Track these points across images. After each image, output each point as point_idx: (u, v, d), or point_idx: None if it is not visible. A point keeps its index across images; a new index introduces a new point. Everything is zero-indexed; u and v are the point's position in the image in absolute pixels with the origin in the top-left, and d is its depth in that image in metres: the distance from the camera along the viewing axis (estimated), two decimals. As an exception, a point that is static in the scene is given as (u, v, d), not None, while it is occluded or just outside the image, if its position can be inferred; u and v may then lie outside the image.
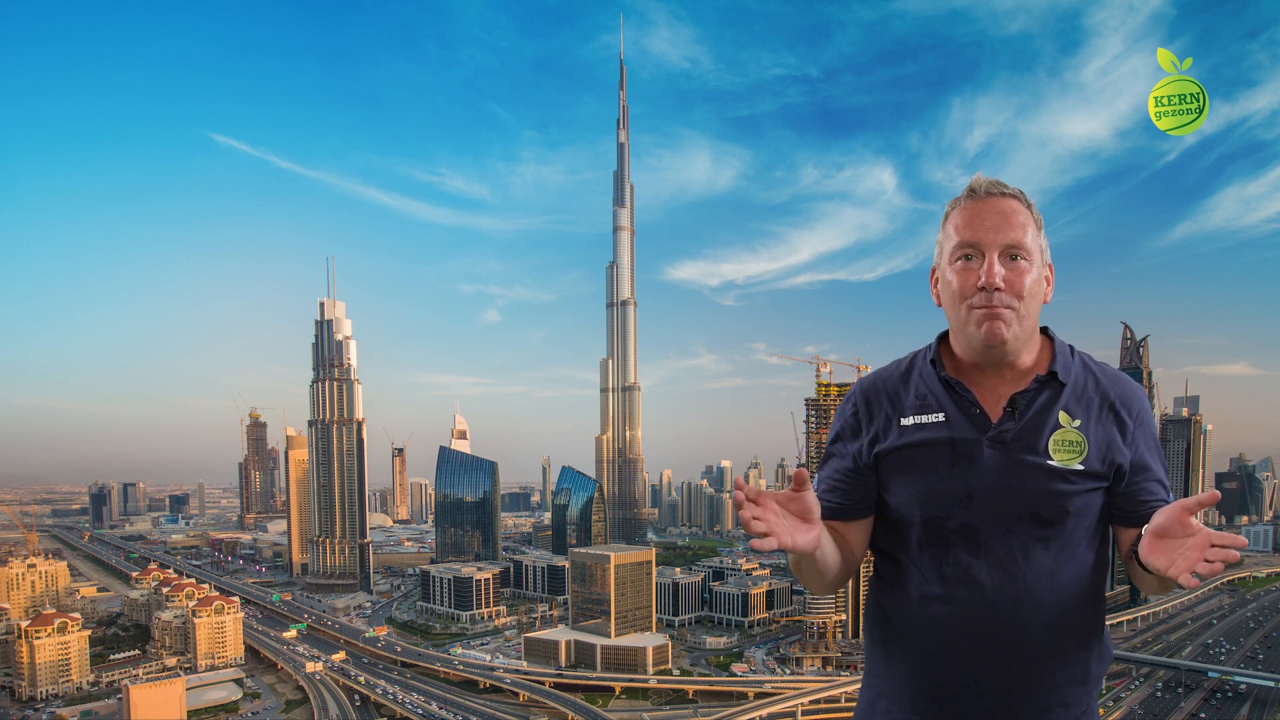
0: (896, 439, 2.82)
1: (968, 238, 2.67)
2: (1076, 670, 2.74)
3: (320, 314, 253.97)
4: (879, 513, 2.97)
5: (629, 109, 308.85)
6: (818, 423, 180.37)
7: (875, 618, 3.01)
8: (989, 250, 2.63)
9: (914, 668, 2.82)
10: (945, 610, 2.71)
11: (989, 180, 2.74)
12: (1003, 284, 2.61)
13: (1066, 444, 2.67)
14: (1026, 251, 2.65)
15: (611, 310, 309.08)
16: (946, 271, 2.75)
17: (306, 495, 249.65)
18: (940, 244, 2.81)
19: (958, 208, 2.75)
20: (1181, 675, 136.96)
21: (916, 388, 2.86)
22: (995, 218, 2.66)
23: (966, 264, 2.67)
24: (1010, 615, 2.65)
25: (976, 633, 2.68)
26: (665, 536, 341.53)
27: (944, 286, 2.77)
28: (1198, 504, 2.23)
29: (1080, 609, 2.72)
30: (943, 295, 2.80)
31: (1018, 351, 2.75)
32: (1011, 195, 2.70)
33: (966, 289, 2.66)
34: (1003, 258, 2.64)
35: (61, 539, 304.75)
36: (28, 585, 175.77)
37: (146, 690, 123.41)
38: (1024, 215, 2.69)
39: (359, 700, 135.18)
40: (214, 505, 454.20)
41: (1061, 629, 2.68)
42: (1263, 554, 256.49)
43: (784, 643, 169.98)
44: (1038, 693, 2.70)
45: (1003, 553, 2.66)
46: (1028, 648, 2.67)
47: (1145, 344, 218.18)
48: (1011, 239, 2.64)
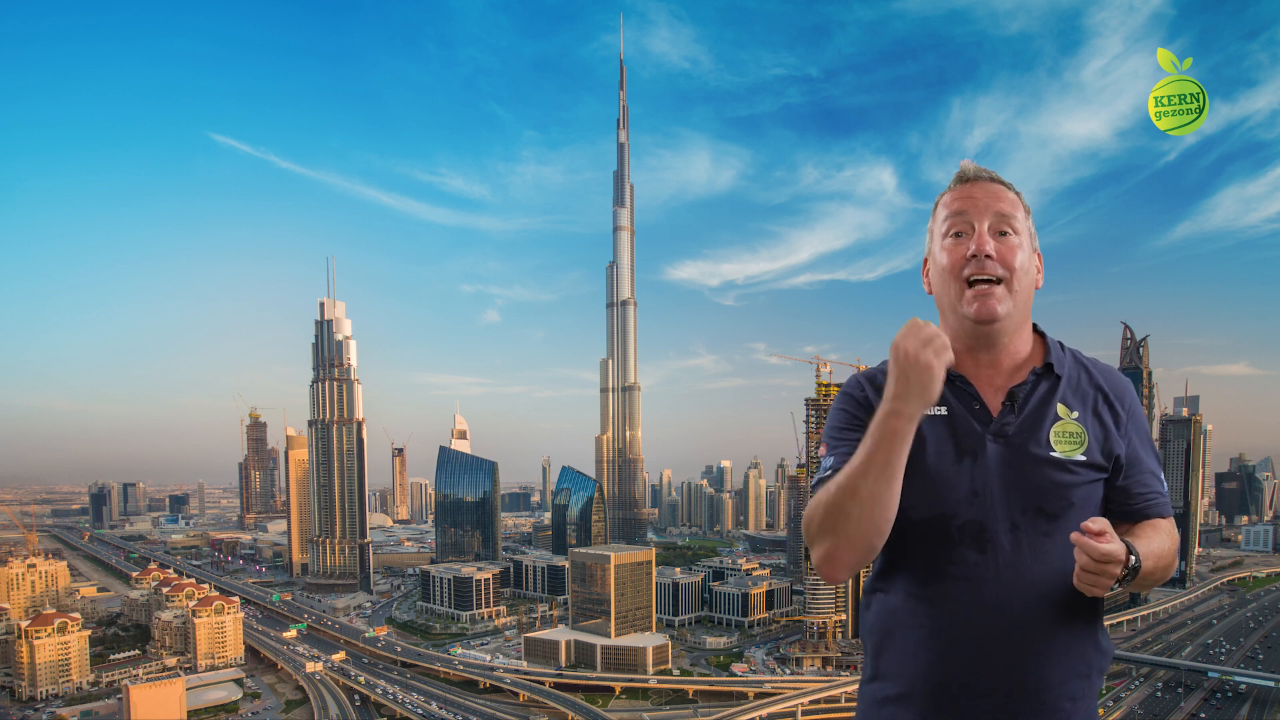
0: None
1: (957, 209, 2.73)
2: (1080, 664, 2.73)
3: (320, 314, 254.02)
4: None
5: (629, 109, 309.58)
6: (818, 423, 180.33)
7: (876, 617, 2.94)
8: (979, 220, 2.68)
9: (920, 668, 2.76)
10: (951, 609, 2.67)
11: (977, 166, 2.82)
12: (993, 253, 2.65)
13: (1067, 435, 2.68)
14: (1016, 227, 2.70)
15: (611, 310, 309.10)
16: (937, 253, 2.77)
17: (306, 495, 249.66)
18: (931, 232, 2.86)
19: (948, 192, 2.83)
20: (1181, 675, 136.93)
21: None
22: (985, 194, 2.73)
23: (957, 240, 2.71)
24: (1018, 611, 2.63)
25: (983, 631, 2.65)
26: (665, 536, 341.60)
27: (934, 268, 2.81)
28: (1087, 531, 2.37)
29: (1082, 603, 2.69)
30: (933, 277, 2.82)
31: (1009, 331, 2.74)
32: (1000, 181, 2.78)
33: (957, 262, 2.69)
34: (992, 231, 2.68)
35: (61, 539, 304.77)
36: (28, 585, 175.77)
37: (146, 690, 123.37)
38: (1012, 197, 2.75)
39: (359, 700, 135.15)
40: (214, 505, 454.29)
41: (1066, 623, 2.67)
42: (1263, 554, 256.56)
43: (784, 643, 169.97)
44: (1044, 688, 2.67)
45: (1010, 549, 2.64)
46: (1034, 644, 2.64)
47: (1145, 344, 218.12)
48: (1002, 210, 2.70)
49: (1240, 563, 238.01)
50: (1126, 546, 2.42)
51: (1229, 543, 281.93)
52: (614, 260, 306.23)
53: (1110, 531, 2.38)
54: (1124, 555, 2.38)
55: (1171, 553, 2.69)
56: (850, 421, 2.84)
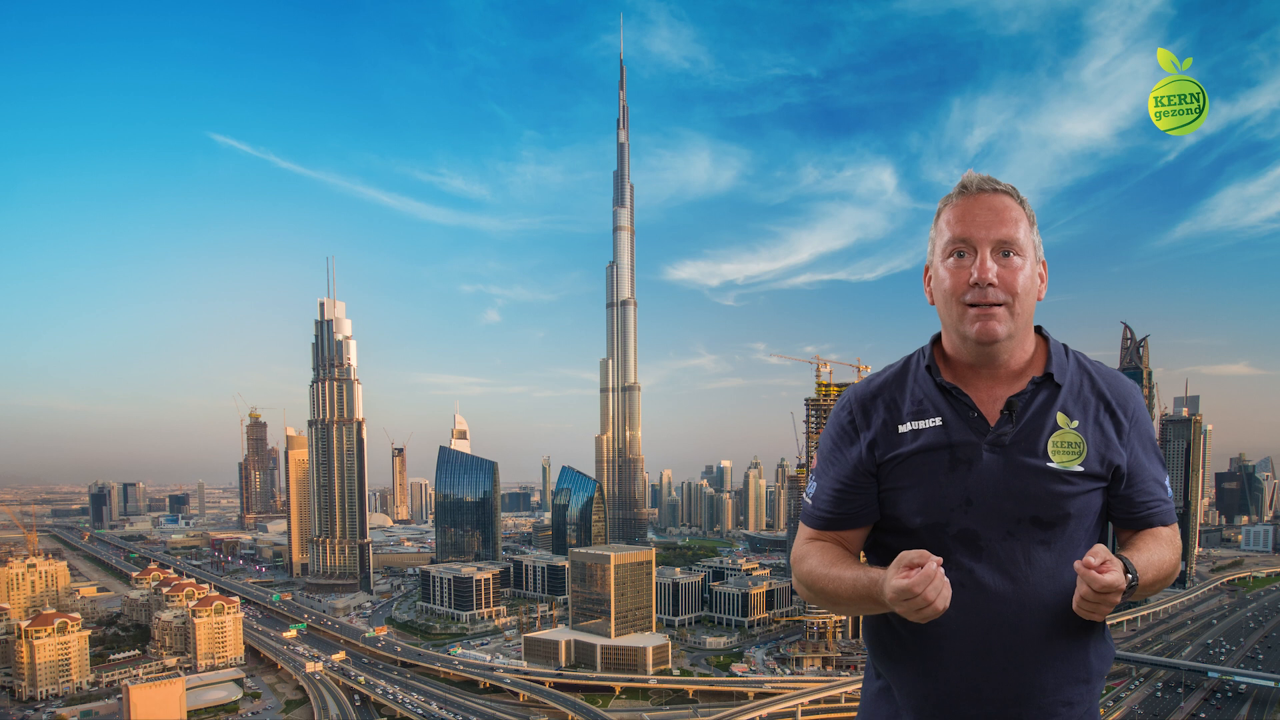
0: (895, 446, 2.79)
1: (959, 233, 2.65)
2: (1079, 670, 2.72)
3: (320, 314, 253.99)
4: (878, 520, 2.95)
5: (629, 109, 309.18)
6: (818, 423, 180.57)
7: (877, 624, 2.95)
8: (981, 246, 2.62)
9: (918, 674, 2.78)
10: (948, 616, 2.60)
11: (980, 176, 2.73)
12: (995, 280, 2.60)
13: (1065, 445, 2.66)
14: (1019, 247, 2.64)
15: (611, 310, 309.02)
16: (939, 269, 2.73)
17: (306, 495, 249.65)
18: (932, 240, 2.80)
19: (949, 204, 2.73)
20: (1181, 675, 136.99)
21: (912, 393, 2.82)
22: (987, 214, 2.64)
23: (959, 261, 2.66)
24: (1014, 618, 2.63)
25: (980, 637, 2.65)
26: (665, 536, 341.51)
27: (936, 284, 2.75)
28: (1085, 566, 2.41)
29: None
30: (935, 293, 2.77)
31: (1011, 350, 2.73)
32: (1004, 191, 2.69)
33: (959, 286, 2.64)
34: (995, 254, 2.62)
35: (61, 539, 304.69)
36: (28, 585, 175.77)
37: (146, 690, 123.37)
38: (1016, 211, 2.67)
39: (359, 700, 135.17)
40: (214, 505, 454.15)
41: (1064, 630, 2.66)
42: (1263, 554, 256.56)
43: (784, 643, 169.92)
44: (1041, 694, 2.67)
45: (1004, 556, 2.63)
46: (1031, 650, 2.65)
47: (1145, 344, 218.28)
48: (1004, 234, 2.62)
49: (1240, 563, 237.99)
50: (1124, 565, 2.43)
51: (1229, 543, 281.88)
52: (614, 260, 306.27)
53: (1110, 559, 2.38)
54: (1124, 583, 2.38)
55: (1172, 562, 2.68)
56: (832, 447, 2.93)
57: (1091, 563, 2.36)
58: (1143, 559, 2.54)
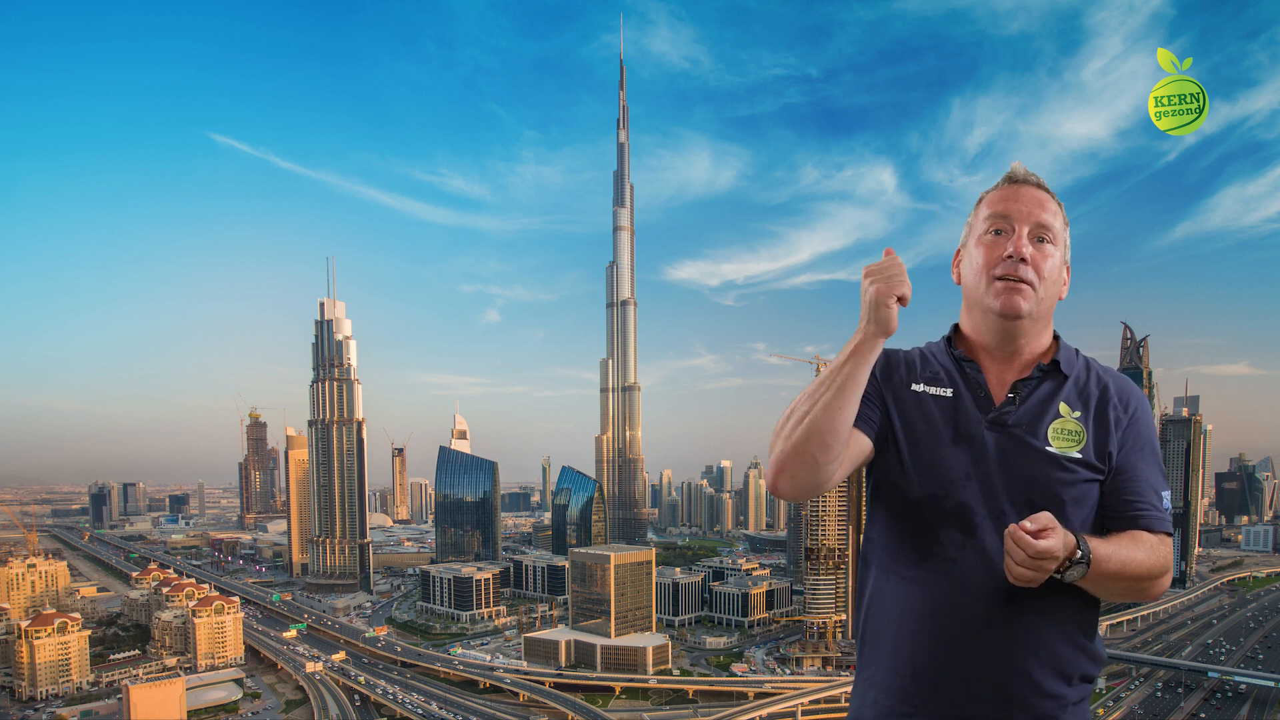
0: (906, 401, 2.87)
1: (1001, 210, 2.79)
2: (1064, 664, 2.70)
3: (320, 314, 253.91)
4: (872, 493, 2.98)
5: (629, 109, 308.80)
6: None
7: (863, 604, 3.00)
8: (1020, 224, 2.75)
9: (900, 654, 2.80)
10: (932, 593, 2.70)
11: (1027, 169, 2.88)
12: (1028, 258, 2.71)
13: (1066, 433, 2.72)
14: (1054, 236, 2.78)
15: (611, 310, 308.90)
16: (973, 248, 2.85)
17: (306, 495, 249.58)
18: (970, 225, 2.92)
19: (994, 189, 2.88)
20: (1181, 675, 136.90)
21: (929, 362, 2.94)
22: (1031, 200, 2.79)
23: (996, 238, 2.77)
24: (998, 601, 2.63)
25: (962, 617, 2.67)
26: (665, 536, 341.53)
27: (969, 263, 2.87)
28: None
29: (1071, 603, 2.69)
30: (965, 271, 2.90)
31: (1029, 331, 2.81)
32: (1047, 190, 2.84)
33: (992, 260, 2.75)
34: (1031, 237, 2.74)
35: (61, 539, 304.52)
36: (28, 585, 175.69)
37: (146, 690, 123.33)
38: (1055, 207, 2.82)
39: (359, 700, 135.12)
40: (214, 505, 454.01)
41: (1050, 621, 2.66)
42: (1263, 554, 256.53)
43: (784, 643, 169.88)
44: (1022, 683, 2.66)
45: (995, 537, 2.63)
46: (1014, 637, 2.65)
47: (1145, 344, 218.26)
48: (1044, 219, 2.76)
49: (1240, 563, 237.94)
50: (1076, 540, 2.44)
51: (1229, 543, 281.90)
52: (614, 260, 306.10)
53: (1055, 528, 2.38)
54: (1062, 551, 2.38)
55: (1147, 565, 2.62)
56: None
57: (1028, 527, 2.37)
58: (1108, 548, 2.53)
